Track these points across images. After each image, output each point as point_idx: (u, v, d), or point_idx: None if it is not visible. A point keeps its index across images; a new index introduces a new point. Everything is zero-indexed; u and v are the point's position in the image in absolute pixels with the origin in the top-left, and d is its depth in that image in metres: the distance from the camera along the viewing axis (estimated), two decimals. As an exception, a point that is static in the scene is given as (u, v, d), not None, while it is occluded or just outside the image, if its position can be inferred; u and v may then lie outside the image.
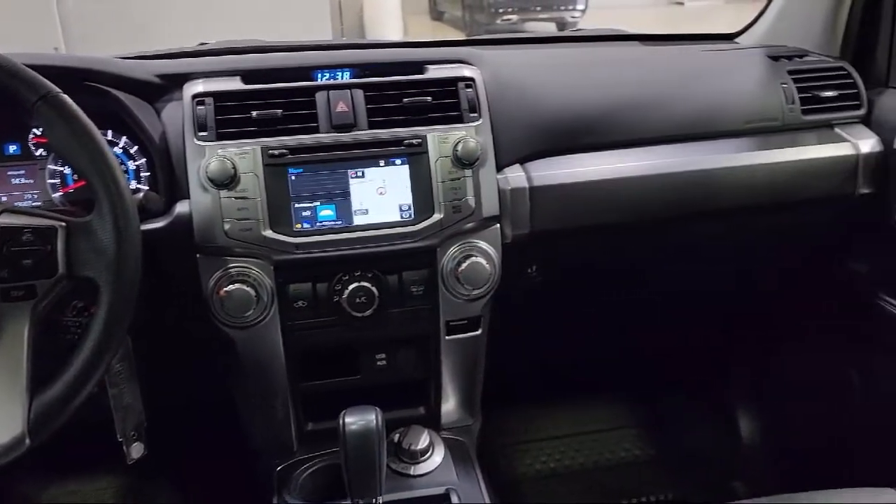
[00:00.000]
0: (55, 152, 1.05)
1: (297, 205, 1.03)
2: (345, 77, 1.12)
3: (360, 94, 1.08)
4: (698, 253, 1.39)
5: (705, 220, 1.28)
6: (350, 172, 1.04)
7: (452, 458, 1.11)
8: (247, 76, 1.09)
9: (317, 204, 1.03)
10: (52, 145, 0.87)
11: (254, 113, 1.04)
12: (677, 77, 1.28)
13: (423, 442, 1.09)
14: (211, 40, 1.34)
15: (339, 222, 1.04)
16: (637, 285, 1.48)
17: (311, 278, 1.04)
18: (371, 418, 0.94)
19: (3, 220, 0.81)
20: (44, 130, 0.97)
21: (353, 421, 0.94)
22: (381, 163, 1.05)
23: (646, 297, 1.54)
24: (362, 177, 1.05)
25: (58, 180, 1.07)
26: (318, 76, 1.12)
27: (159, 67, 1.11)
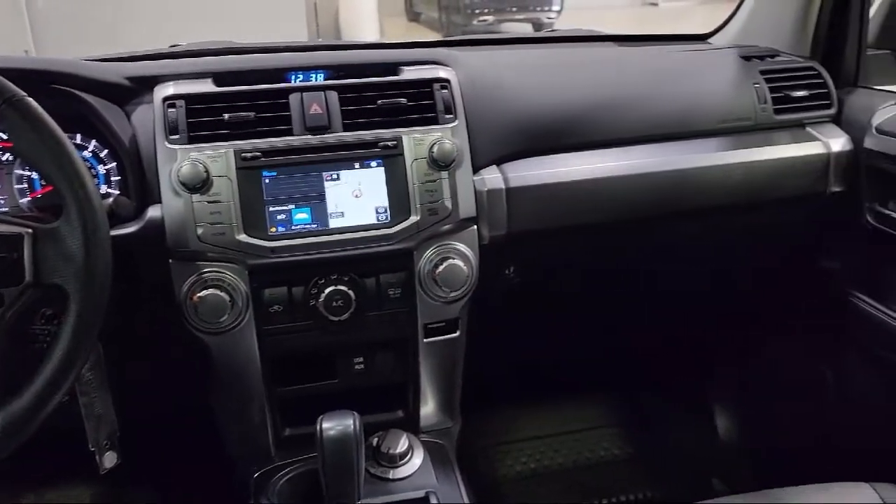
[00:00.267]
0: (21, 157, 1.02)
1: (271, 208, 1.01)
2: (319, 79, 1.11)
3: (335, 96, 1.07)
4: (676, 253, 1.40)
5: (682, 220, 1.29)
6: (325, 175, 1.04)
7: (432, 461, 1.10)
8: (219, 78, 1.08)
9: (292, 207, 1.02)
10: (18, 150, 0.85)
11: (226, 115, 1.02)
12: (652, 77, 1.29)
13: (402, 445, 1.08)
14: (182, 42, 1.32)
15: (314, 225, 1.03)
16: (615, 286, 1.48)
17: (286, 282, 1.03)
18: (349, 423, 0.93)
19: None
20: (9, 135, 0.95)
21: (330, 426, 0.93)
22: (357, 165, 1.04)
23: (624, 298, 1.54)
24: (337, 179, 1.04)
25: (25, 185, 1.05)
26: (291, 78, 1.11)
27: (129, 70, 1.09)
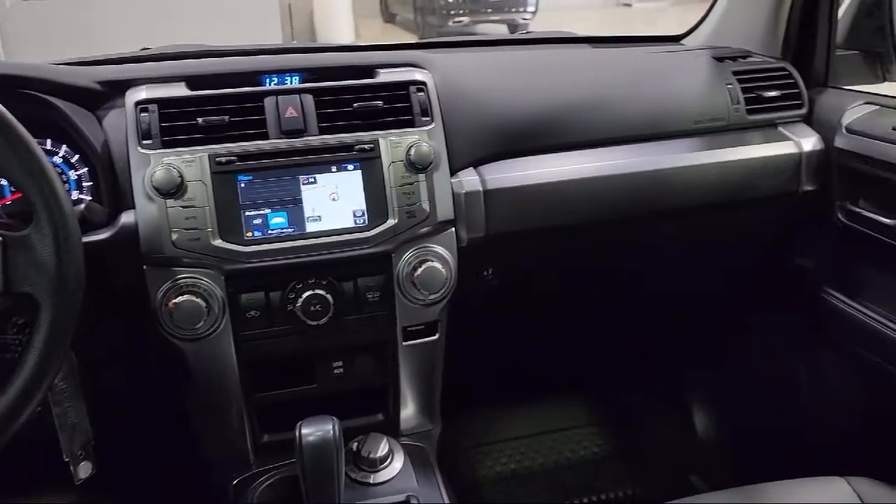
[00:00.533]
0: None
1: (247, 213, 1.00)
2: (294, 82, 1.10)
3: (310, 99, 1.06)
4: (653, 253, 1.41)
5: (658, 220, 1.30)
6: (301, 178, 1.03)
7: (412, 464, 1.10)
8: (192, 82, 1.06)
9: (268, 211, 1.01)
10: None
11: (200, 119, 1.01)
12: (627, 79, 1.30)
13: (383, 449, 1.08)
14: (154, 45, 1.31)
15: (291, 229, 1.02)
16: (592, 286, 1.49)
17: (263, 287, 1.02)
18: (328, 428, 0.93)
19: None
20: None
21: (309, 432, 0.93)
22: (334, 168, 1.04)
23: (602, 298, 1.55)
24: (314, 183, 1.03)
25: None
26: (266, 81, 1.10)
27: (100, 73, 1.08)
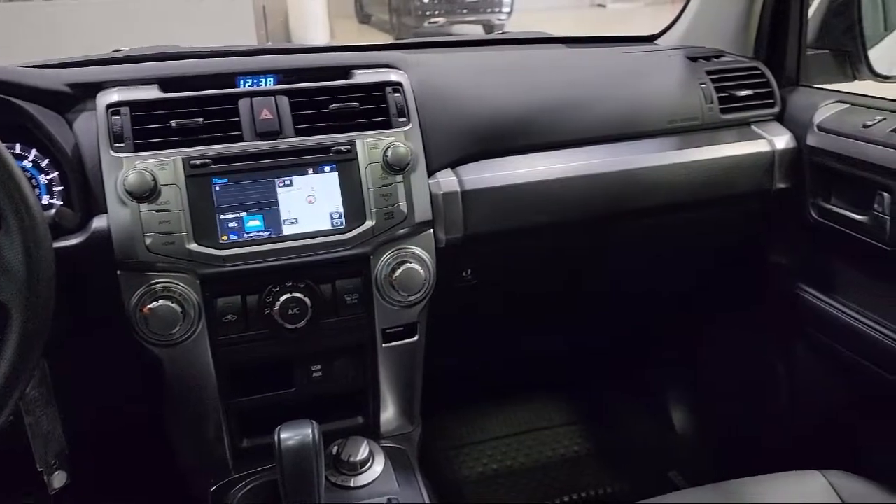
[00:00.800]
0: None
1: (222, 216, 0.99)
2: (269, 83, 1.10)
3: (285, 101, 1.05)
4: (631, 251, 1.42)
5: (634, 219, 1.31)
6: (277, 181, 1.02)
7: (393, 466, 1.10)
8: (165, 84, 1.05)
9: (244, 214, 1.00)
10: None
11: (173, 122, 1.00)
12: (602, 79, 1.31)
13: (363, 452, 1.07)
14: (126, 47, 1.29)
15: (267, 232, 1.01)
16: (570, 285, 1.50)
17: (240, 291, 1.01)
18: (307, 432, 0.92)
19: None
20: None
21: (288, 436, 0.92)
22: (310, 170, 1.03)
23: (580, 296, 1.56)
24: (290, 185, 1.02)
25: None
26: (240, 83, 1.09)
27: (70, 76, 1.06)
